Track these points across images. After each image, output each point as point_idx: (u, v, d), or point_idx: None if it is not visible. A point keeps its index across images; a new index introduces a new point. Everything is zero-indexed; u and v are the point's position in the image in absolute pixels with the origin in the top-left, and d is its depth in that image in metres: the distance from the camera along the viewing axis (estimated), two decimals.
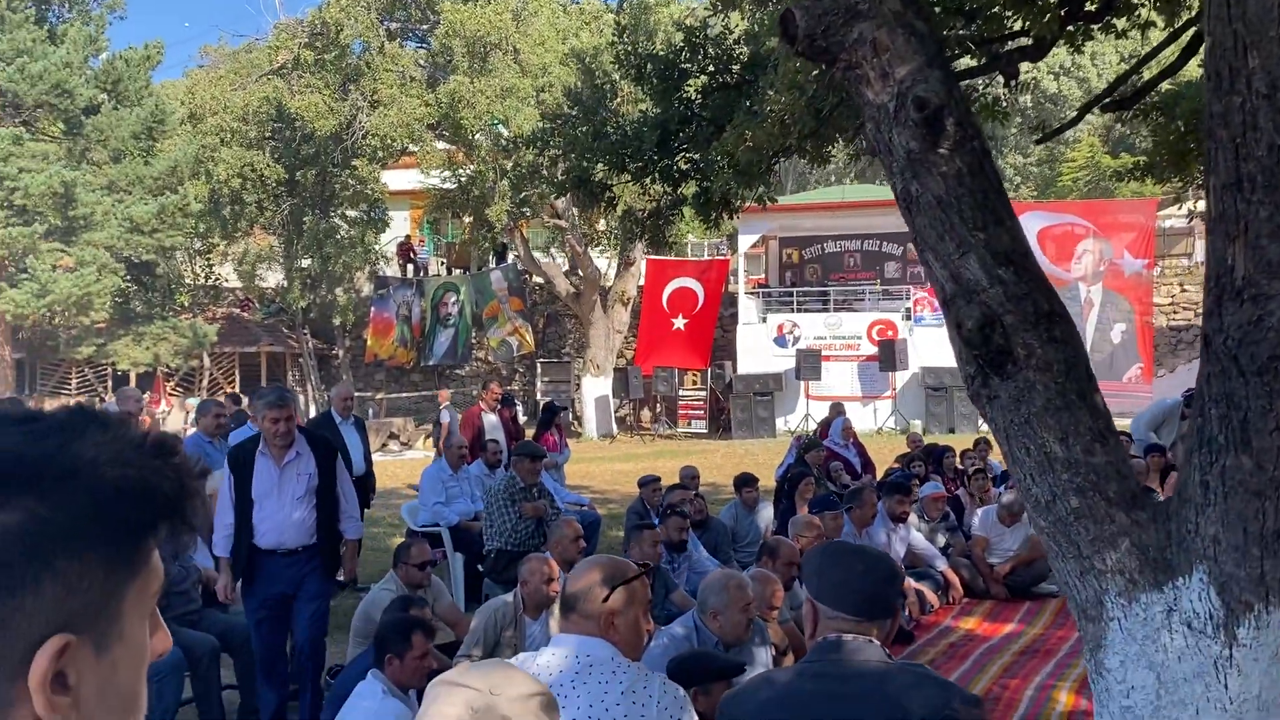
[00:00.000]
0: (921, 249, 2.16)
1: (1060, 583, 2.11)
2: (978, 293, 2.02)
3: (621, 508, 13.49)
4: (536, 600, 5.23)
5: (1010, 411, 2.05)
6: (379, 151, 21.60)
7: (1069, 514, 2.00)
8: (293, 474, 5.23)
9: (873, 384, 23.00)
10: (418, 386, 28.21)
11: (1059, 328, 2.03)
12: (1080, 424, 2.01)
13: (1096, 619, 1.99)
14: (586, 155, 6.50)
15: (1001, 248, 2.03)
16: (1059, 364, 2.01)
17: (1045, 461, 2.02)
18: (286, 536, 5.23)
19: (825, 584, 2.10)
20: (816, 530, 6.14)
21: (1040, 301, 2.03)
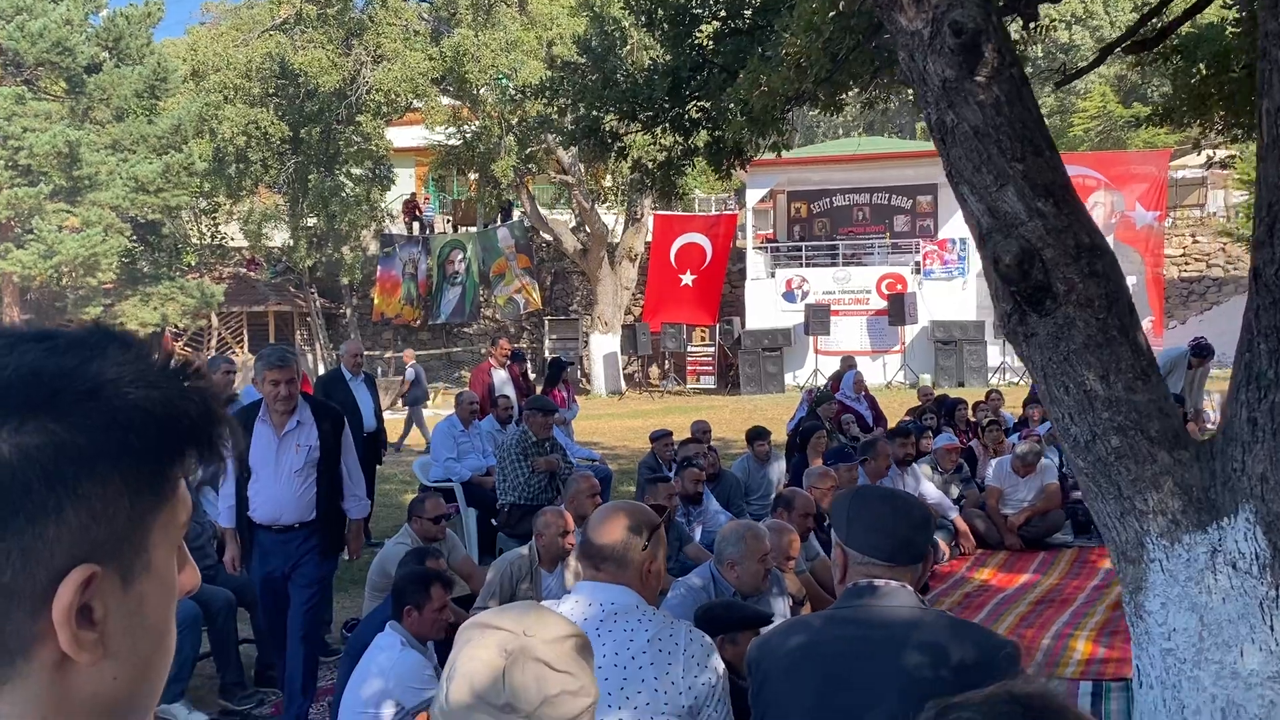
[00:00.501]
0: (956, 182, 2.09)
1: (1099, 524, 2.06)
2: (1016, 226, 1.95)
3: (631, 463, 13.49)
4: (552, 553, 5.22)
5: (1049, 349, 1.99)
6: (383, 107, 21.38)
7: (1109, 454, 1.95)
8: (291, 444, 4.81)
9: (882, 338, 22.91)
10: (426, 345, 28.17)
11: (1100, 261, 1.96)
12: (1122, 361, 1.94)
13: (1137, 561, 1.94)
14: (596, 104, 6.39)
15: (1041, 179, 1.96)
16: (1100, 299, 1.94)
17: (1085, 400, 1.96)
18: (282, 511, 4.86)
19: (855, 529, 2.05)
20: (831, 482, 6.11)
21: (1081, 234, 1.96)
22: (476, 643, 1.28)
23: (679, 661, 2.22)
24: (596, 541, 2.34)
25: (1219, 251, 26.61)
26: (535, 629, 1.29)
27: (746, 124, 5.52)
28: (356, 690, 3.94)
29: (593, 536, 2.35)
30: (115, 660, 0.71)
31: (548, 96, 6.71)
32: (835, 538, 2.10)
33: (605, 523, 2.36)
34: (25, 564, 0.67)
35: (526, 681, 1.24)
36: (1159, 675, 1.88)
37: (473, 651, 1.28)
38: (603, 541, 2.33)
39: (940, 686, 1.92)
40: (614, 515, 2.37)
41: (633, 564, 2.33)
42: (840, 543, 2.08)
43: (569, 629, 1.32)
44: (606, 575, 2.32)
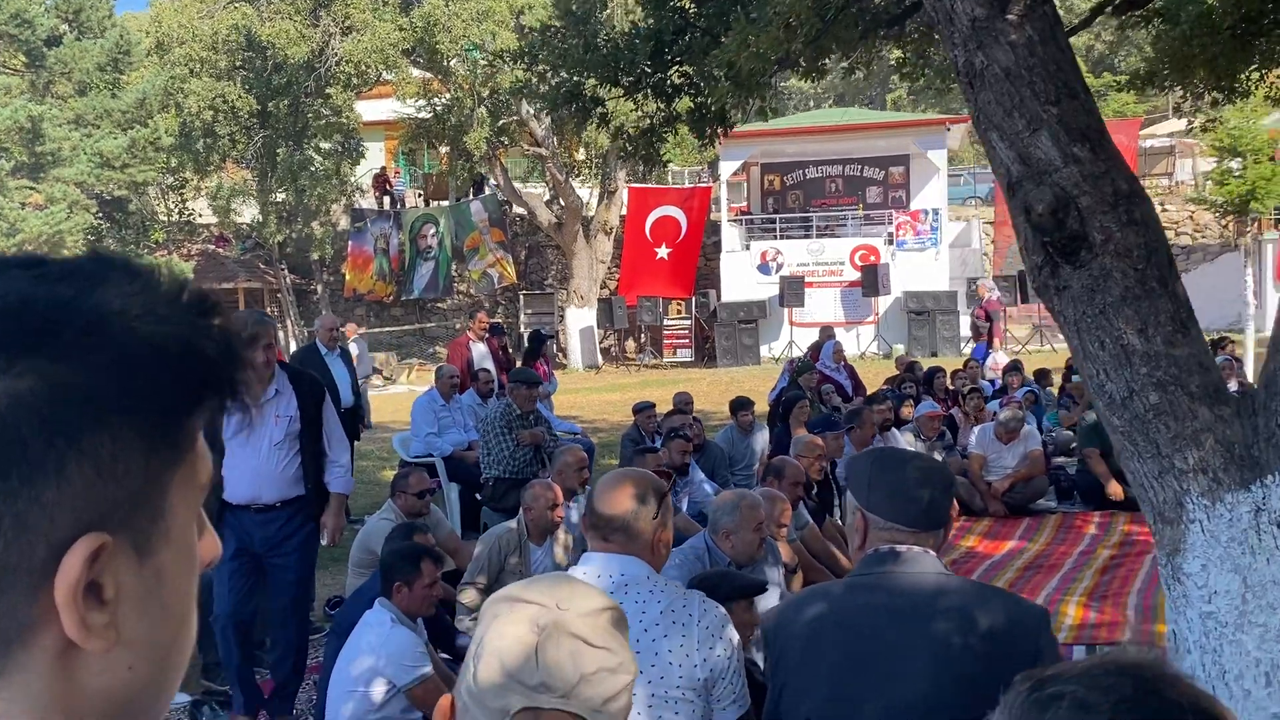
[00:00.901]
0: (984, 128, 2.00)
1: (1133, 485, 1.99)
2: (1049, 173, 1.87)
3: (611, 437, 13.42)
4: (541, 526, 5.14)
5: (1083, 303, 1.91)
6: (353, 79, 21.04)
7: (1147, 410, 1.88)
8: (270, 415, 4.44)
9: (856, 309, 22.94)
10: (399, 321, 27.93)
11: (1139, 208, 1.88)
12: (1161, 313, 1.87)
13: (1175, 521, 1.87)
14: (577, 69, 6.25)
15: (1076, 123, 1.87)
16: (1139, 248, 1.86)
17: (1122, 355, 1.88)
18: (262, 489, 4.48)
19: (878, 493, 1.97)
20: (819, 450, 6.06)
21: (1119, 180, 1.88)
22: (505, 618, 1.19)
23: (693, 634, 2.14)
24: (604, 511, 2.25)
25: (1187, 220, 26.78)
26: (569, 601, 1.20)
27: (732, 88, 5.40)
28: (346, 669, 3.85)
29: (600, 506, 2.26)
30: (130, 647, 0.60)
31: (527, 62, 6.57)
32: (853, 503, 2.02)
33: (612, 492, 2.27)
34: (20, 534, 0.56)
35: (561, 658, 1.15)
36: (1198, 640, 1.82)
37: (502, 628, 1.18)
38: (611, 511, 2.24)
39: (969, 655, 1.85)
40: (621, 484, 2.28)
41: (642, 534, 2.24)
42: (860, 508, 2.00)
43: (604, 601, 1.23)
44: (616, 546, 2.23)
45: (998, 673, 1.93)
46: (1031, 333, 22.31)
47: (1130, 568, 6.19)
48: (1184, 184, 29.14)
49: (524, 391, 6.98)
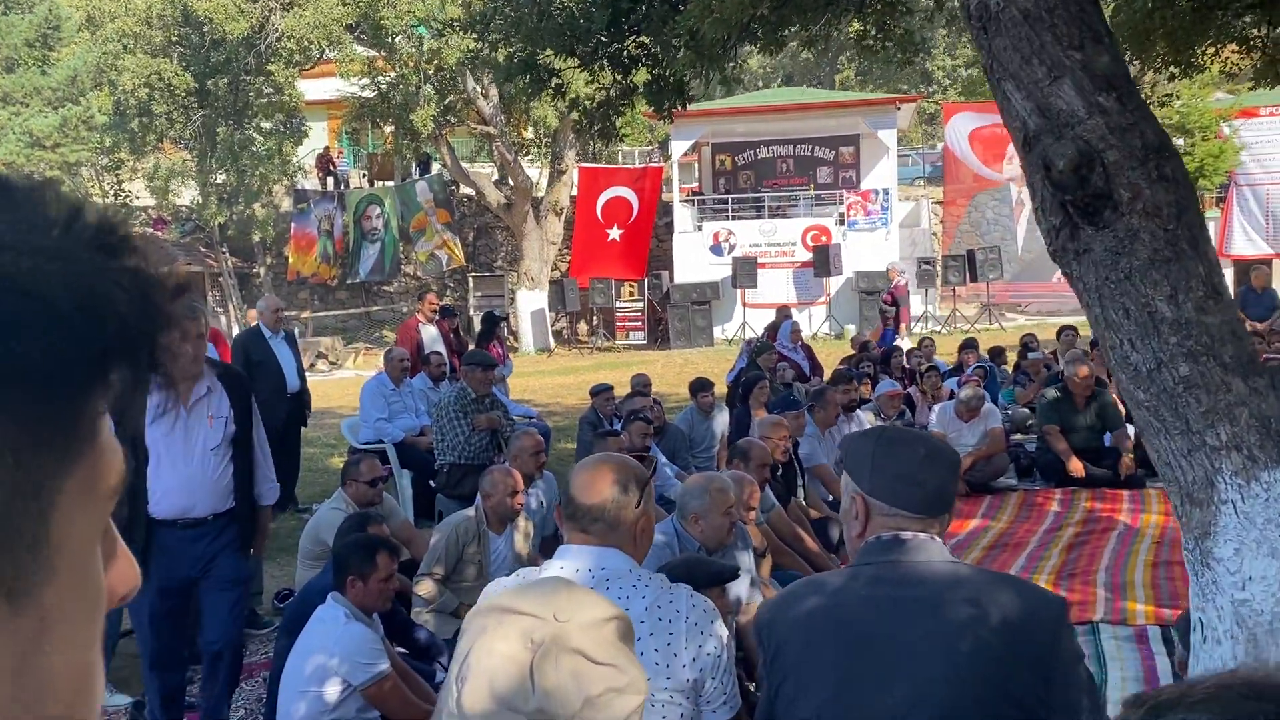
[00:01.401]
0: (997, 77, 1.84)
1: (1158, 464, 1.86)
2: (1072, 125, 1.72)
3: (566, 420, 13.24)
4: (500, 513, 4.95)
5: (1106, 267, 1.77)
6: (295, 55, 20.46)
7: (1177, 383, 1.74)
8: (202, 416, 3.94)
9: (808, 290, 22.95)
10: (345, 304, 27.42)
11: (1169, 164, 1.74)
12: (1192, 277, 1.73)
13: (1205, 503, 1.74)
14: (530, 38, 6.02)
15: (1102, 70, 1.72)
16: (1169, 207, 1.72)
17: (1149, 323, 1.74)
18: (195, 501, 3.97)
19: (882, 476, 1.82)
20: (784, 431, 5.93)
21: (1148, 132, 1.73)
22: (495, 633, 1.01)
23: (680, 631, 1.98)
24: (583, 501, 2.07)
25: None
26: (568, 611, 1.03)
27: (693, 57, 5.21)
28: (298, 667, 3.64)
29: (578, 495, 2.08)
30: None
31: (479, 31, 6.32)
32: (852, 487, 1.86)
33: (591, 479, 2.09)
34: None
35: (562, 679, 0.98)
36: (1229, 629, 1.70)
37: (491, 644, 1.00)
38: (591, 501, 2.06)
39: (982, 650, 1.71)
40: (600, 470, 2.11)
41: (624, 524, 2.07)
42: (860, 493, 1.85)
43: (607, 609, 1.06)
44: (595, 538, 2.06)
45: (1012, 669, 1.80)
46: (980, 311, 22.47)
47: (1096, 544, 6.15)
48: None
49: (479, 374, 6.76)
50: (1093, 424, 8.02)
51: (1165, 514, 6.86)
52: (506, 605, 1.04)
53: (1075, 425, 7.98)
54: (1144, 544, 6.11)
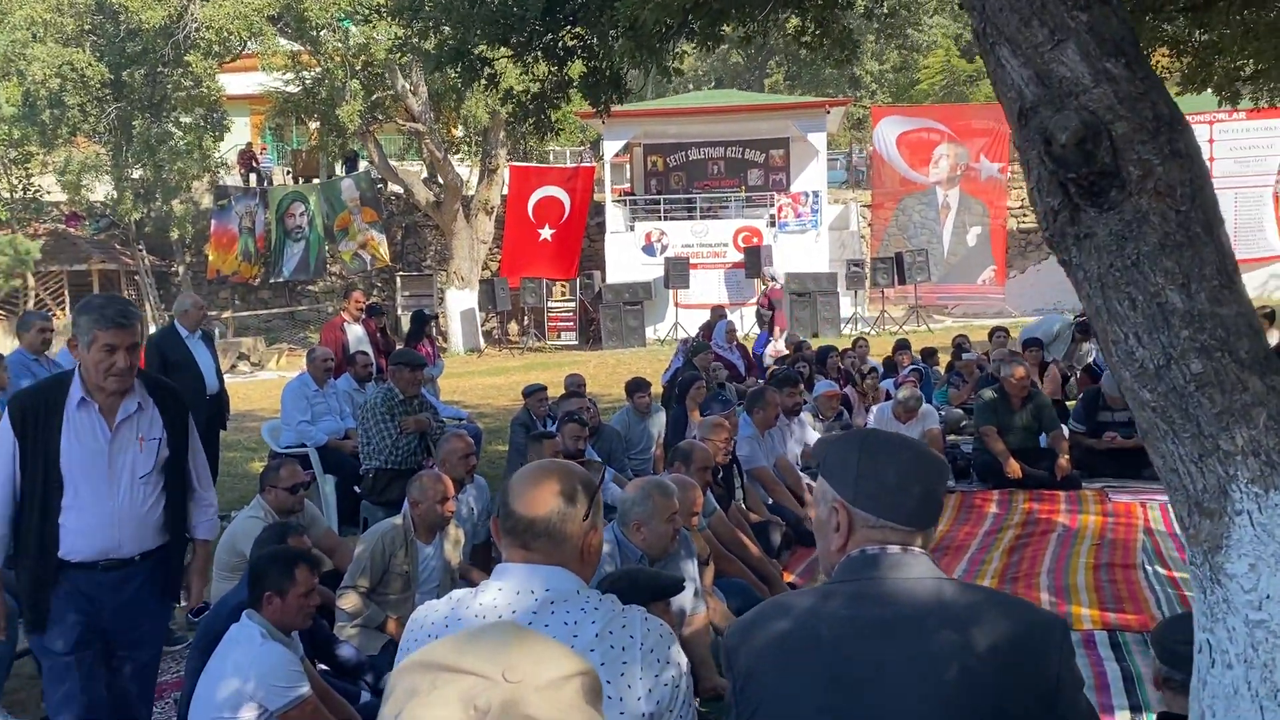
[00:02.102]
0: (991, 41, 1.67)
1: (1164, 470, 1.70)
2: (1076, 95, 1.56)
3: (497, 422, 12.95)
4: (430, 521, 4.70)
5: (1110, 253, 1.61)
6: (214, 46, 19.78)
7: (1188, 381, 1.59)
8: (130, 438, 3.35)
9: (739, 290, 22.97)
10: (268, 304, 26.71)
11: (1182, 138, 1.58)
12: (1206, 264, 1.58)
13: (1216, 514, 1.59)
14: (462, 25, 5.77)
15: (1109, 33, 1.56)
16: (1183, 186, 1.56)
17: (1159, 315, 1.59)
18: (121, 539, 3.34)
19: (867, 484, 1.64)
20: (725, 433, 5.77)
21: (1160, 104, 1.58)
22: (426, 697, 0.80)
23: (635, 659, 1.78)
24: (525, 514, 1.86)
25: None
26: (520, 669, 0.82)
27: (632, 47, 5.02)
28: (210, 691, 3.36)
29: (519, 507, 1.87)
30: None
31: (407, 16, 6.05)
32: (833, 496, 1.68)
33: (534, 489, 1.88)
34: None
35: None
36: (1242, 652, 1.55)
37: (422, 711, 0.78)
38: (534, 514, 1.85)
39: (975, 676, 1.54)
40: (544, 479, 1.89)
41: (571, 539, 1.86)
42: (843, 502, 1.66)
43: (570, 664, 0.86)
44: (539, 554, 1.85)
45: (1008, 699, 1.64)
46: (908, 313, 22.67)
47: (1037, 547, 6.10)
48: None
49: (407, 374, 6.48)
50: (1029, 425, 8.01)
51: (1102, 515, 6.85)
52: (442, 661, 0.82)
53: (1011, 426, 7.97)
54: (1084, 545, 6.07)
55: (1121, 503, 7.11)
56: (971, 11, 1.69)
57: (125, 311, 3.29)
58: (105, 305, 3.28)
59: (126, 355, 3.26)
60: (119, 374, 3.26)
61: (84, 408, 3.30)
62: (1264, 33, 6.41)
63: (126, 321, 3.26)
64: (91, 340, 3.23)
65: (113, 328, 3.22)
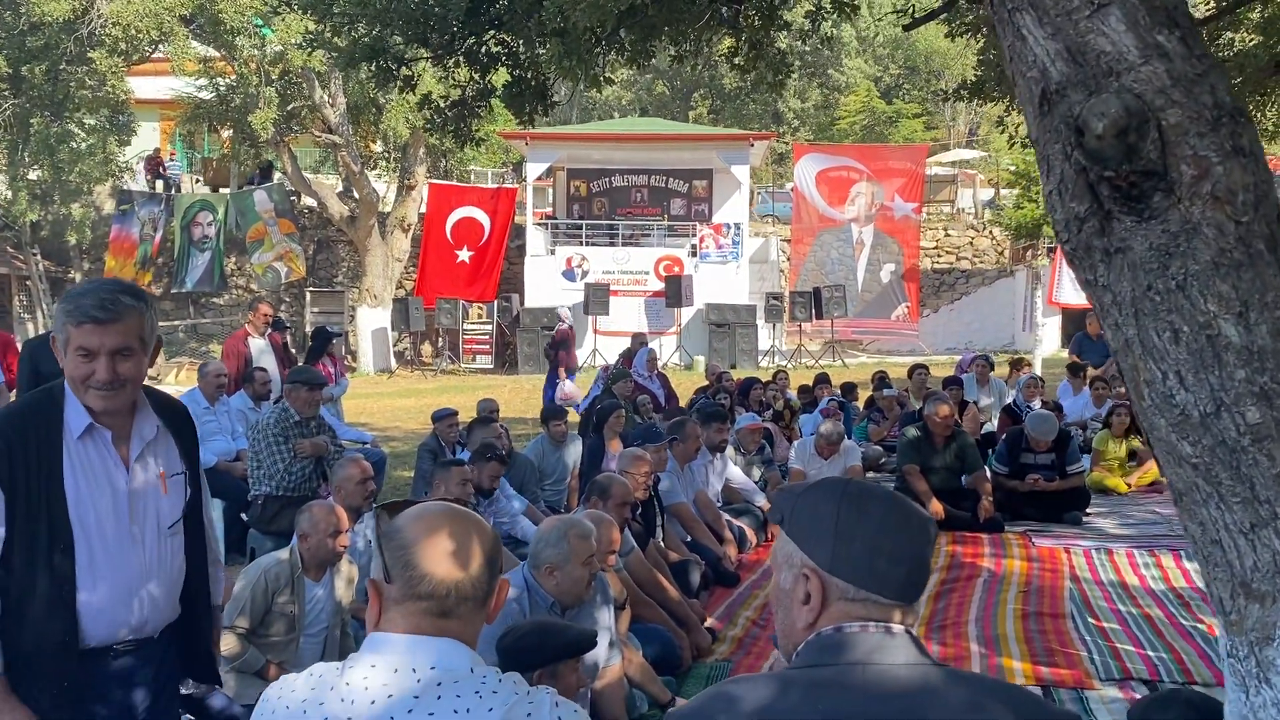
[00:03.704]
0: (1010, 7, 1.37)
1: (1202, 541, 1.41)
2: (1118, 74, 1.27)
3: (405, 446, 12.42)
4: (319, 557, 4.26)
5: (1151, 273, 1.32)
6: (121, 44, 18.90)
7: (1242, 434, 1.31)
8: (152, 474, 2.45)
9: (659, 319, 22.81)
10: (169, 315, 25.63)
11: (1247, 134, 1.31)
12: (1269, 290, 1.30)
13: (1270, 597, 1.31)
14: (378, 22, 5.40)
15: (1161, 0, 1.29)
16: (1246, 192, 1.29)
17: (1209, 351, 1.31)
18: (147, 614, 2.45)
19: (850, 549, 1.32)
20: (646, 465, 5.44)
21: (1220, 90, 1.30)
22: None
23: None
24: (447, 577, 1.49)
25: (968, 245, 28.21)
26: None
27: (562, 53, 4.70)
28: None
29: (437, 569, 1.50)
30: None
31: (319, 11, 5.66)
32: (801, 561, 1.35)
33: (449, 543, 1.52)
34: None
35: None
36: None
37: None
38: (457, 577, 1.49)
39: None
40: (457, 531, 1.54)
41: (480, 608, 1.52)
42: (813, 568, 1.34)
43: None
44: (457, 625, 1.49)
45: None
46: (824, 347, 22.75)
47: (963, 593, 5.88)
48: (965, 211, 30.71)
49: (304, 394, 6.01)
50: (951, 464, 7.86)
51: (1027, 560, 6.69)
52: None
53: (934, 466, 7.81)
54: (1010, 592, 5.88)
55: (1045, 547, 6.96)
56: None
57: (106, 302, 2.29)
58: (83, 294, 2.31)
59: (110, 362, 2.29)
60: (109, 386, 2.30)
61: (90, 437, 2.35)
62: None
63: (105, 315, 2.27)
64: (65, 341, 2.30)
65: (87, 323, 2.26)
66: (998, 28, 1.44)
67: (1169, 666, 4.61)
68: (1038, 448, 7.94)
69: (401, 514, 1.56)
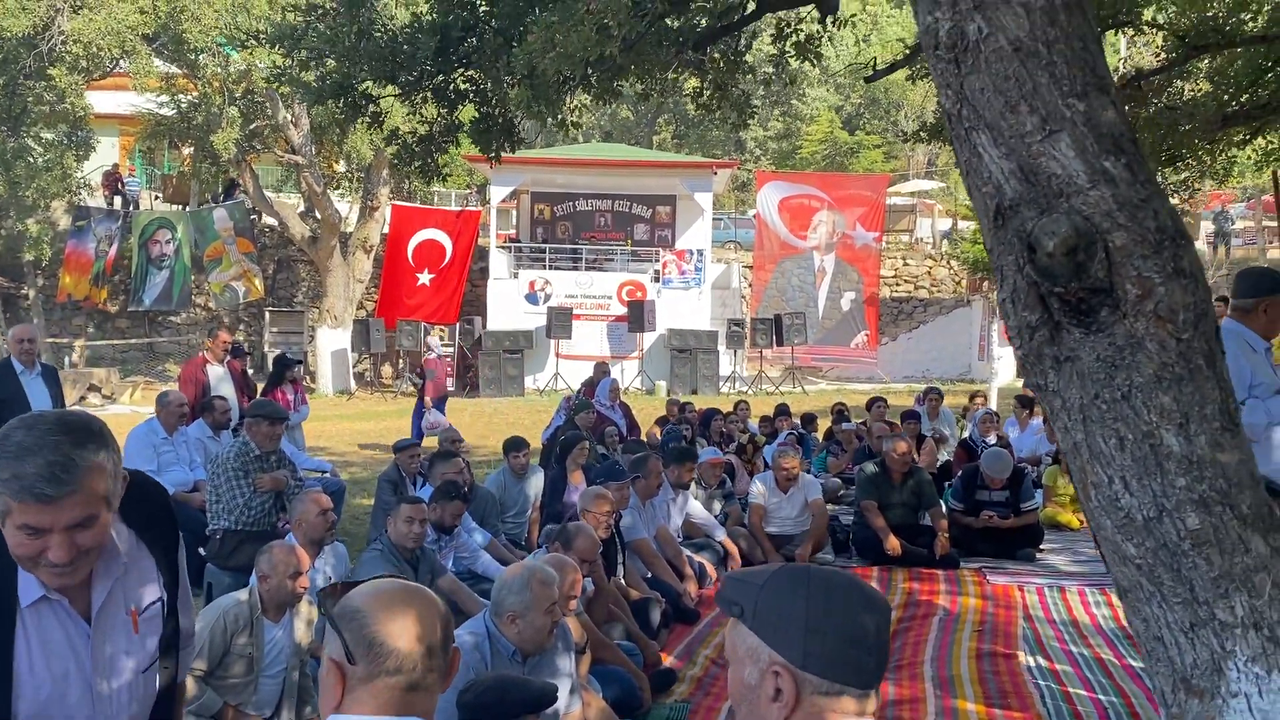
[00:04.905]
0: (967, 126, 1.44)
1: (1145, 637, 1.47)
2: (1069, 195, 1.34)
3: (364, 471, 12.33)
4: (279, 598, 4.24)
5: (1097, 382, 1.39)
6: (82, 61, 18.71)
7: (1182, 538, 1.37)
8: (117, 618, 1.96)
9: (621, 344, 22.88)
10: (125, 334, 25.27)
11: (1187, 255, 1.38)
12: (1207, 403, 1.37)
13: (1208, 693, 1.37)
14: (347, 59, 5.42)
15: (1107, 127, 1.35)
16: (1187, 310, 1.36)
17: (1151, 459, 1.37)
18: None
19: (823, 641, 1.34)
20: (608, 505, 5.46)
21: (1163, 214, 1.37)
22: None
23: None
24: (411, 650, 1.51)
25: (925, 274, 28.58)
26: None
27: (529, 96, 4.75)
28: None
29: (401, 643, 1.51)
30: None
31: (287, 46, 5.66)
32: (769, 658, 1.37)
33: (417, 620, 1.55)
34: None
35: None
36: None
37: None
38: (422, 650, 1.52)
39: None
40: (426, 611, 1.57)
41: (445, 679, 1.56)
42: (784, 665, 1.36)
43: None
44: (422, 700, 1.53)
45: None
46: (784, 373, 22.91)
47: (919, 632, 5.96)
48: (923, 241, 31.13)
49: (264, 428, 5.98)
50: (908, 500, 7.96)
51: (981, 597, 6.79)
52: None
53: (891, 502, 7.90)
54: (965, 632, 5.96)
55: (1000, 585, 7.06)
56: (943, 89, 1.47)
57: (57, 469, 1.73)
58: (22, 453, 1.74)
59: (66, 539, 1.77)
60: (57, 566, 1.79)
61: (45, 607, 1.88)
62: None
63: (56, 491, 1.73)
64: (4, 513, 1.77)
65: (32, 502, 1.73)
66: (954, 143, 1.51)
67: (1118, 710, 4.70)
68: (993, 485, 8.06)
69: (352, 593, 1.58)
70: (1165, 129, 6.96)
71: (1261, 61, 7.13)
